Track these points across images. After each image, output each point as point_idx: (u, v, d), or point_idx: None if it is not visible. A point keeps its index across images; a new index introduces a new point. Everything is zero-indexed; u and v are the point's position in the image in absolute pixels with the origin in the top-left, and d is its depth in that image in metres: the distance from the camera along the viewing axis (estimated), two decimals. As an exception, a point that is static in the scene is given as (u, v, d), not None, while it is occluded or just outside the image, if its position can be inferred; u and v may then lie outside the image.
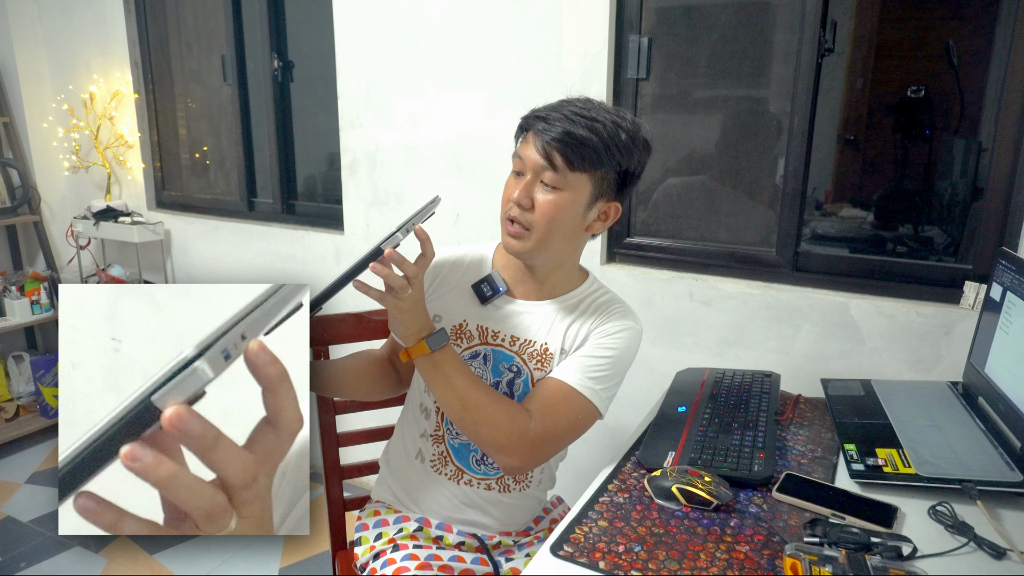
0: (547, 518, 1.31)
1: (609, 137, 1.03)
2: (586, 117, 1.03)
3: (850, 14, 1.66)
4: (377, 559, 1.17)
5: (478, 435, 1.06)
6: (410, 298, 0.99)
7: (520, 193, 1.05)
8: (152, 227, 2.82)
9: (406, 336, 1.04)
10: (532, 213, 1.05)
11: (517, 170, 1.08)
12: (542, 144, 1.03)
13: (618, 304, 1.16)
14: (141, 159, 2.94)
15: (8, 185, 3.06)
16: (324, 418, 1.39)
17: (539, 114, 1.07)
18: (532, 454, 1.06)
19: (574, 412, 1.07)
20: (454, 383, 1.04)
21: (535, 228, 1.06)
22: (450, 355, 1.05)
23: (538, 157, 1.04)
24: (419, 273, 0.99)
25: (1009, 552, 0.88)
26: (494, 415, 1.03)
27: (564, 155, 1.02)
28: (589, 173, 1.05)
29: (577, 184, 1.05)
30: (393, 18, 2.14)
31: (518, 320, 1.15)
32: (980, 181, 1.57)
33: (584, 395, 1.07)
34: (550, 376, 1.10)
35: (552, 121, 1.03)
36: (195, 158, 2.96)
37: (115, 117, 2.92)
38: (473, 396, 1.04)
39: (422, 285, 1.03)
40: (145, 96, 2.94)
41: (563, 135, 1.02)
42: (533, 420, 1.04)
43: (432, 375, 1.05)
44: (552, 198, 1.05)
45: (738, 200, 1.84)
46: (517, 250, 1.09)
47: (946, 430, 1.16)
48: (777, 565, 0.85)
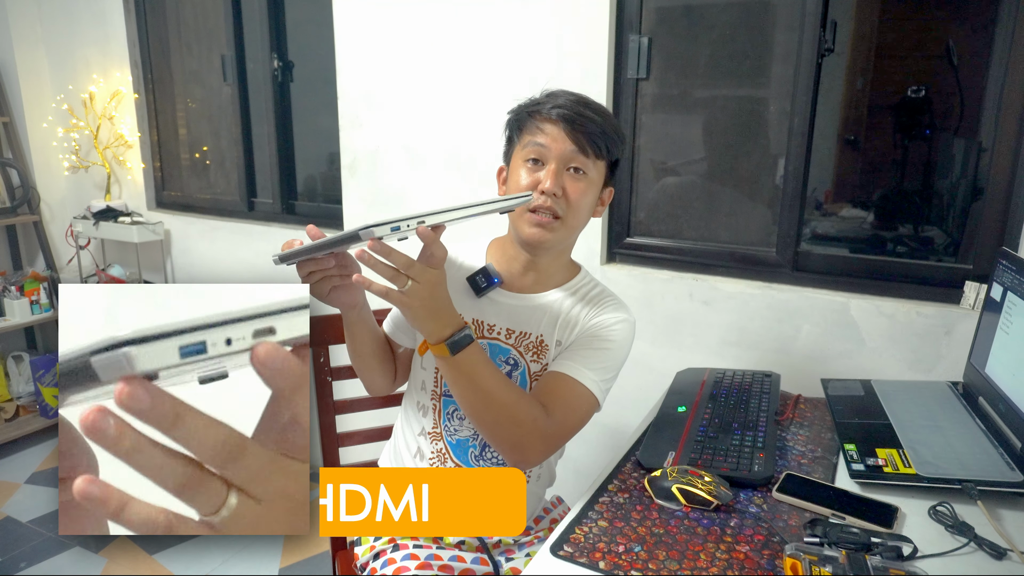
0: (547, 518, 1.31)
1: (612, 124, 1.09)
2: (589, 105, 1.07)
3: (850, 14, 1.66)
4: (377, 559, 1.18)
5: (497, 434, 1.03)
6: (417, 295, 0.90)
7: (553, 182, 1.05)
8: (152, 227, 2.82)
9: (426, 334, 0.97)
10: (563, 201, 1.06)
11: (534, 157, 1.07)
12: (571, 130, 1.05)
13: (611, 296, 1.17)
14: (141, 159, 2.95)
15: (8, 185, 3.06)
16: (324, 418, 1.39)
17: (547, 103, 1.07)
18: (546, 450, 1.06)
19: (581, 405, 1.08)
20: (477, 383, 1.00)
21: (567, 216, 1.07)
22: (474, 355, 0.98)
23: (568, 144, 1.05)
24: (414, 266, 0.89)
25: (1009, 552, 0.88)
26: (517, 414, 1.01)
27: (593, 142, 1.06)
28: (606, 160, 1.10)
29: (597, 171, 1.09)
30: (393, 18, 2.14)
31: (513, 313, 1.15)
32: (980, 181, 1.57)
33: (588, 387, 1.08)
34: (554, 370, 1.10)
35: (569, 108, 1.05)
36: (195, 158, 2.96)
37: (115, 117, 2.92)
38: (497, 395, 1.00)
39: (436, 281, 0.92)
40: (145, 96, 2.94)
41: (587, 121, 1.05)
42: (547, 415, 1.04)
43: (454, 375, 1.00)
44: (582, 185, 1.07)
45: (738, 200, 1.84)
46: (543, 240, 1.07)
47: (946, 430, 1.16)
48: (777, 565, 0.85)
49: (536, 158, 1.07)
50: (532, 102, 1.10)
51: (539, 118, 1.07)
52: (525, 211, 1.07)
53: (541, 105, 1.08)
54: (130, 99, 2.90)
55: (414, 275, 0.89)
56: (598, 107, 1.09)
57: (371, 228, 0.81)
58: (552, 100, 1.07)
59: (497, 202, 0.94)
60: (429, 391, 1.18)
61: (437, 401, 1.18)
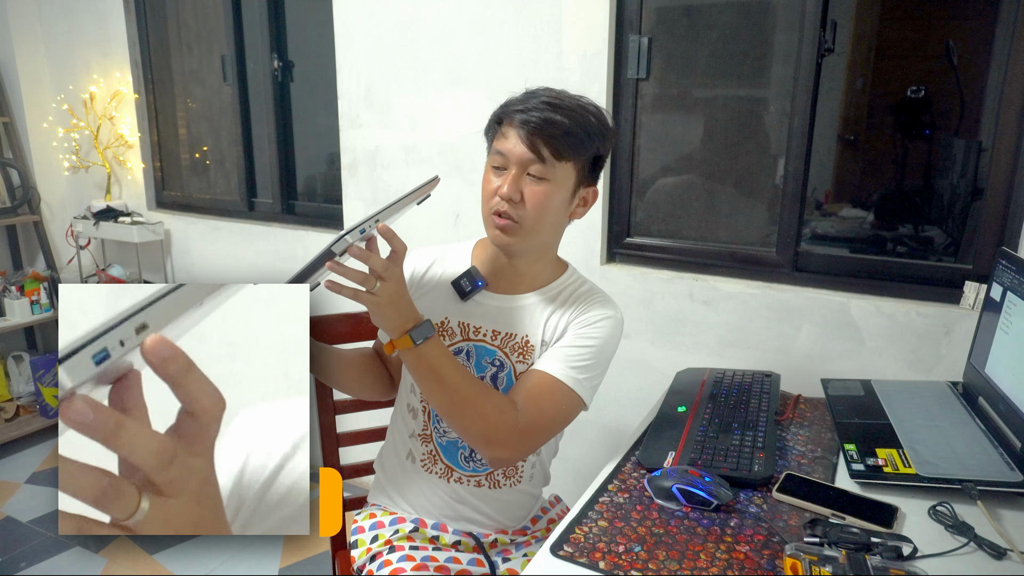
0: (544, 517, 1.30)
1: (584, 123, 1.05)
2: (559, 106, 1.04)
3: (850, 14, 1.66)
4: (373, 561, 1.17)
5: (465, 428, 1.04)
6: (385, 292, 0.95)
7: (509, 188, 1.04)
8: (152, 227, 2.82)
9: (389, 329, 1.00)
10: (522, 206, 1.05)
11: (497, 165, 1.08)
12: (527, 136, 1.03)
13: (598, 294, 1.16)
14: (141, 159, 2.95)
15: (8, 185, 3.06)
16: (324, 418, 1.39)
17: (513, 107, 1.06)
18: (519, 446, 1.06)
19: (559, 403, 1.07)
20: (441, 376, 1.02)
21: (525, 220, 1.06)
22: (436, 348, 1.01)
23: (523, 149, 1.04)
24: (389, 266, 0.94)
25: (1009, 552, 0.88)
26: (482, 408, 1.02)
27: (551, 145, 1.03)
28: (573, 161, 1.06)
29: (563, 173, 1.06)
30: (393, 18, 2.14)
31: (499, 314, 1.15)
32: (980, 181, 1.57)
33: (568, 385, 1.07)
34: (534, 368, 1.10)
35: (530, 112, 1.04)
36: (195, 158, 2.96)
37: (115, 117, 2.92)
38: (461, 389, 1.02)
39: (400, 277, 0.97)
40: (145, 96, 2.94)
41: (546, 125, 1.03)
42: (520, 411, 1.04)
43: (418, 368, 1.02)
44: (542, 188, 1.05)
45: (738, 200, 1.84)
46: (506, 244, 1.08)
47: (946, 430, 1.16)
48: (777, 565, 0.85)
49: (499, 164, 1.08)
50: (503, 106, 1.10)
51: (504, 124, 1.08)
52: (490, 214, 1.08)
53: (509, 108, 1.08)
54: (130, 99, 2.90)
55: (387, 275, 0.93)
56: (570, 106, 1.05)
57: (344, 237, 0.87)
58: (521, 103, 1.06)
59: (412, 192, 0.98)
60: (418, 393, 1.18)
61: (427, 403, 1.18)
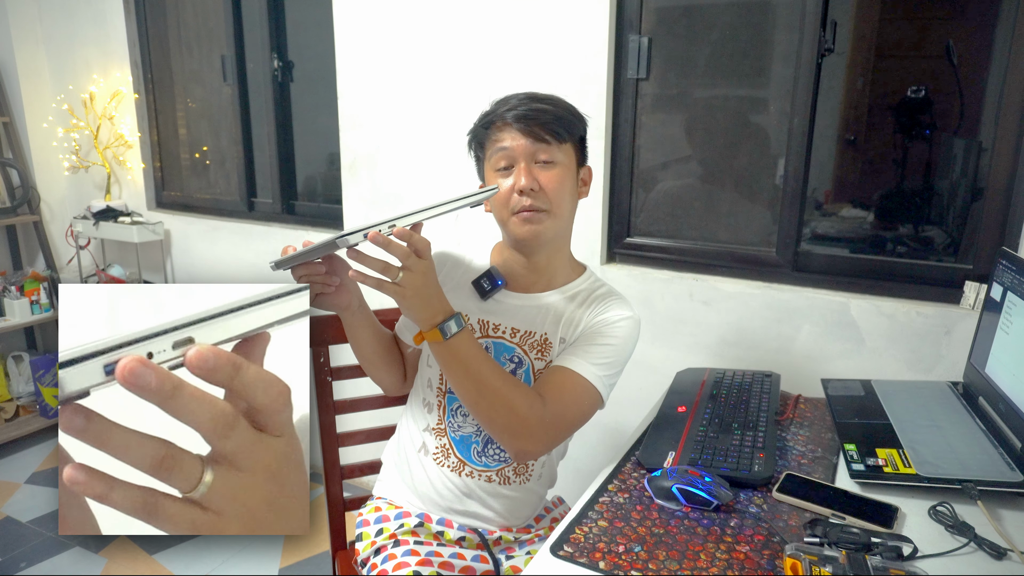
0: (548, 517, 1.31)
1: (566, 107, 1.13)
2: (539, 98, 1.11)
3: (850, 14, 1.66)
4: (378, 554, 1.19)
5: (493, 420, 1.04)
6: (411, 283, 0.94)
7: (527, 179, 1.08)
8: (152, 227, 2.82)
9: (418, 321, 1.00)
10: (542, 194, 1.09)
11: (502, 167, 1.11)
12: (526, 127, 1.08)
13: (616, 295, 1.19)
14: (141, 159, 2.95)
15: (8, 185, 3.06)
16: (324, 418, 1.39)
17: (500, 110, 1.11)
18: (545, 439, 1.07)
19: (582, 398, 1.09)
20: (471, 369, 1.02)
21: (551, 206, 1.10)
22: (467, 340, 1.01)
23: (526, 141, 1.08)
24: (411, 255, 0.92)
25: (1009, 552, 0.88)
26: (511, 400, 1.03)
27: (550, 130, 1.09)
28: (571, 142, 1.12)
29: (565, 154, 1.12)
30: (393, 18, 2.14)
31: (518, 312, 1.17)
32: (980, 181, 1.57)
33: (591, 381, 1.08)
34: (557, 364, 1.11)
35: (518, 108, 1.09)
36: (195, 158, 2.96)
37: (115, 117, 2.92)
38: (491, 382, 1.02)
39: (426, 269, 0.95)
40: (145, 96, 2.94)
41: (539, 114, 1.08)
42: (546, 405, 1.05)
43: (447, 360, 1.02)
44: (554, 172, 1.10)
45: (738, 200, 1.84)
46: (536, 233, 1.10)
47: (946, 430, 1.16)
48: (777, 565, 0.85)
49: (505, 164, 1.11)
50: (483, 115, 1.15)
51: (495, 127, 1.12)
52: (511, 215, 1.10)
53: (493, 114, 1.12)
54: (130, 99, 2.90)
55: (409, 265, 0.93)
56: (547, 96, 1.12)
57: (346, 236, 0.86)
58: (502, 106, 1.12)
59: (466, 197, 0.98)
60: (435, 388, 1.21)
61: (442, 398, 1.20)
